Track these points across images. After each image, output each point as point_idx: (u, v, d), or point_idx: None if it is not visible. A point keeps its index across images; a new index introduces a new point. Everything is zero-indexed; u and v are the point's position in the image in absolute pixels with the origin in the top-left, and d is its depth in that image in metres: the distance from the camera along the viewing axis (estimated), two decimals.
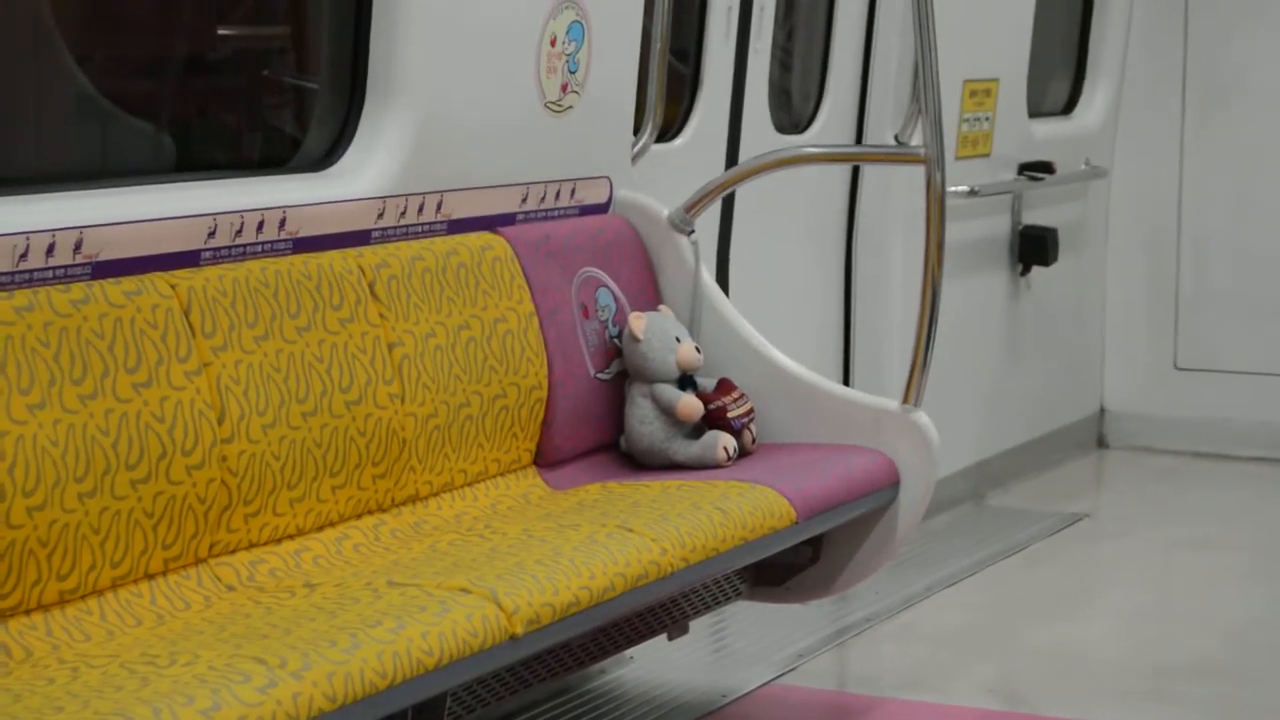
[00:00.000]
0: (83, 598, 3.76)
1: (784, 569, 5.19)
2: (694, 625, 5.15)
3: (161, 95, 5.08)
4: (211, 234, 4.24)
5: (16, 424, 3.62)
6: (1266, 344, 8.39)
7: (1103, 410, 8.64)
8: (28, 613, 3.66)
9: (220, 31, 5.26)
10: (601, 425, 5.16)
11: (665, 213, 5.40)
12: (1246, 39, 8.34)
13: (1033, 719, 5.42)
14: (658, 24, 5.64)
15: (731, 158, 6.29)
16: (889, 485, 5.16)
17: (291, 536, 4.25)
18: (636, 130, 5.62)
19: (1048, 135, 7.98)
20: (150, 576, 3.90)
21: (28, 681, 3.38)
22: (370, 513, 4.46)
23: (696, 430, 5.06)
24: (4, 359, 3.64)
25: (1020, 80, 7.64)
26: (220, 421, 4.04)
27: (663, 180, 5.65)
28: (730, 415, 5.11)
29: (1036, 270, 7.86)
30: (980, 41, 7.22)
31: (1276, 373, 8.37)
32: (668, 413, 5.05)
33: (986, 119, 7.37)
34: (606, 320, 5.17)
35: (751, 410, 5.18)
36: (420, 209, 4.81)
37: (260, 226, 4.36)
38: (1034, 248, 7.81)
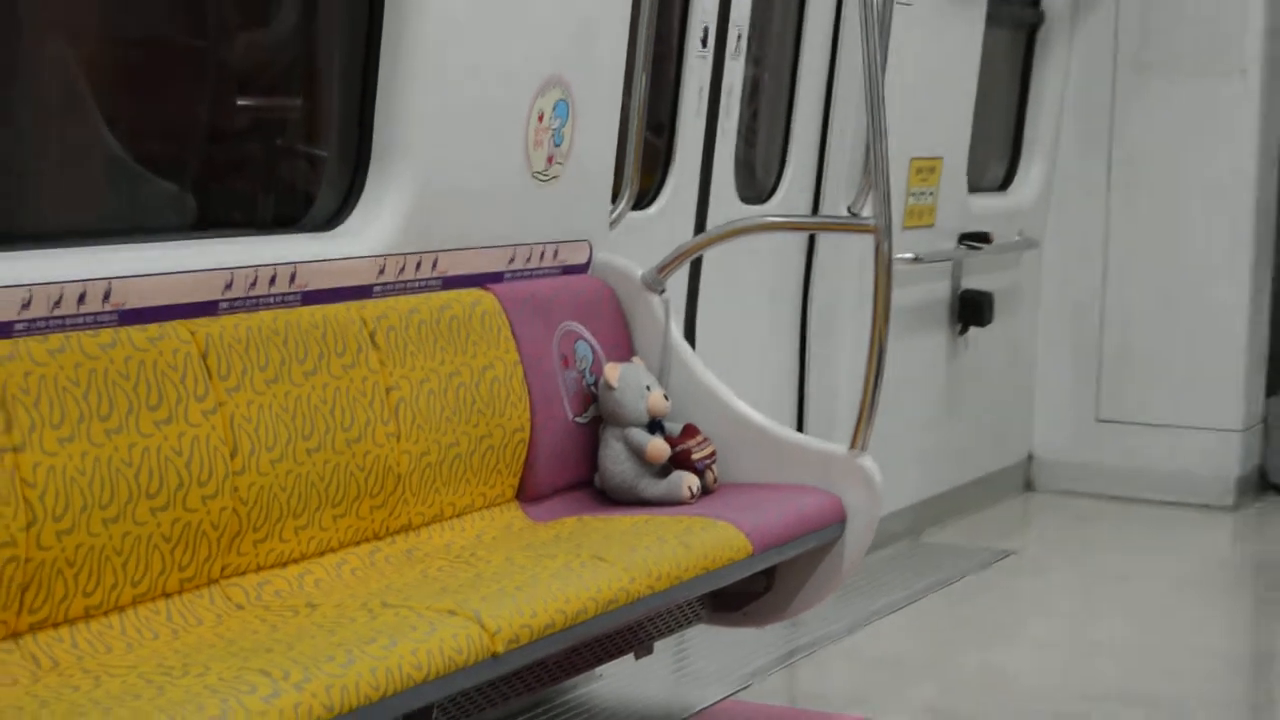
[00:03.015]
0: (105, 613, 3.76)
1: (741, 596, 5.19)
2: (658, 646, 5.15)
3: (185, 159, 5.08)
4: (228, 286, 4.25)
5: (48, 455, 3.63)
6: (1179, 400, 8.43)
7: (1031, 457, 8.65)
8: (55, 626, 3.66)
9: (239, 102, 5.26)
10: (578, 464, 5.15)
11: (639, 273, 5.41)
12: (1167, 124, 8.38)
13: None
14: (635, 103, 5.66)
15: (700, 225, 6.30)
16: (836, 522, 5.17)
17: (295, 561, 4.25)
18: (615, 198, 5.63)
19: (985, 209, 8.01)
20: (167, 595, 3.90)
21: (54, 689, 3.39)
22: (367, 540, 4.46)
23: (664, 470, 5.07)
24: (38, 396, 3.65)
25: (962, 159, 7.67)
26: (233, 456, 4.05)
27: (637, 244, 5.66)
28: (694, 457, 5.12)
29: (974, 330, 7.88)
30: (926, 123, 7.25)
31: (1187, 425, 8.41)
32: (638, 454, 5.06)
33: (931, 194, 7.40)
34: (584, 370, 5.17)
35: (713, 453, 5.19)
36: (418, 266, 4.81)
37: (273, 280, 4.37)
38: (972, 310, 7.84)
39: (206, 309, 4.18)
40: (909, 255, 7.06)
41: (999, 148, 8.40)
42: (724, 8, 6.29)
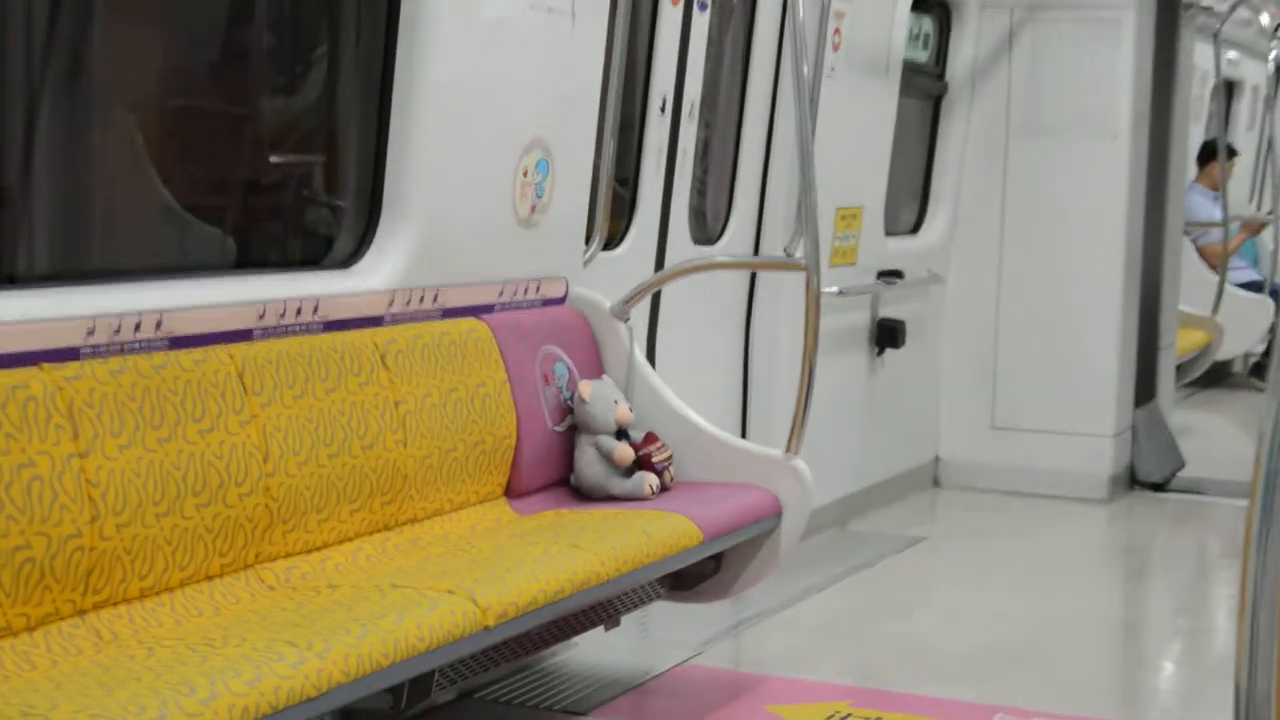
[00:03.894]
0: (157, 594, 3.78)
1: (693, 577, 5.20)
2: (625, 619, 5.15)
3: (226, 207, 5.08)
4: (261, 316, 4.25)
5: (109, 460, 3.64)
6: (1061, 410, 8.46)
7: (937, 458, 8.66)
8: (115, 605, 3.67)
9: (271, 159, 5.27)
10: (557, 466, 5.15)
11: (608, 305, 5.41)
12: (1051, 178, 8.41)
13: (883, 693, 5.39)
14: (604, 161, 5.67)
15: (659, 263, 6.30)
16: (774, 514, 5.19)
17: (318, 548, 4.26)
18: (587, 241, 5.63)
19: (899, 249, 8.03)
20: (209, 578, 3.92)
21: (114, 658, 3.41)
22: (378, 531, 4.47)
23: (629, 471, 5.07)
24: (100, 410, 3.65)
25: (879, 208, 7.68)
26: (265, 460, 4.05)
27: (606, 280, 5.66)
28: (654, 460, 5.13)
29: (889, 352, 7.90)
30: (849, 178, 7.27)
31: (1068, 431, 8.44)
32: (607, 457, 5.07)
33: (853, 237, 7.42)
34: (561, 386, 5.17)
35: (670, 456, 5.20)
36: (421, 299, 4.81)
37: (299, 311, 4.37)
38: (887, 335, 7.86)
39: (243, 336, 4.18)
40: (835, 289, 7.07)
41: (910, 198, 8.42)
42: (679, 80, 6.30)
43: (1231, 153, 12.37)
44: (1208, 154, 11.94)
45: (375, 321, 4.64)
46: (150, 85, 4.94)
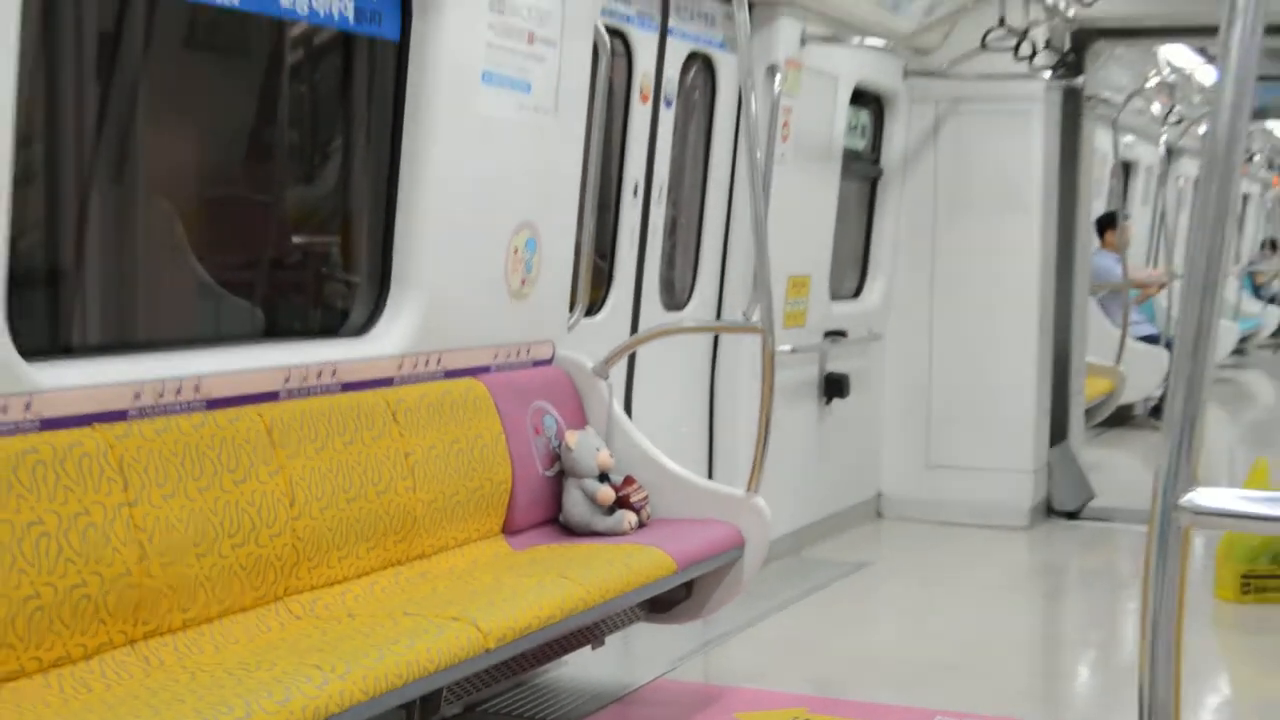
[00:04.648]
0: (198, 624, 3.77)
1: (668, 601, 5.19)
2: (609, 640, 5.13)
3: (255, 283, 5.09)
4: (287, 380, 4.25)
5: (154, 508, 3.63)
6: (986, 449, 8.45)
7: (879, 493, 8.66)
8: (161, 635, 3.66)
9: (294, 240, 5.28)
10: (547, 506, 5.14)
11: (590, 365, 5.41)
12: (973, 247, 8.43)
13: (837, 700, 5.38)
14: (585, 239, 5.69)
15: (634, 328, 6.30)
16: (738, 545, 5.18)
17: (339, 582, 4.24)
18: (571, 309, 5.64)
19: (843, 312, 8.05)
20: (244, 610, 3.91)
21: (161, 682, 3.40)
22: (391, 565, 4.46)
23: (610, 510, 5.07)
24: (147, 465, 3.66)
25: (825, 276, 7.70)
26: (292, 505, 4.05)
27: (588, 342, 5.67)
28: (632, 500, 5.13)
29: (836, 401, 7.91)
30: (798, 251, 7.29)
31: (993, 468, 8.44)
32: (591, 498, 5.06)
33: (803, 302, 7.44)
34: (550, 436, 5.16)
35: (646, 496, 5.20)
36: (426, 362, 4.81)
37: (319, 375, 4.37)
38: (834, 387, 7.86)
39: (271, 397, 4.18)
40: (787, 347, 7.08)
41: (852, 267, 8.44)
42: (649, 167, 6.32)
43: (1128, 219, 12.49)
44: (1107, 222, 12.03)
45: (386, 382, 4.64)
46: (187, 178, 4.96)
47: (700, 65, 6.68)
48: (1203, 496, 1.96)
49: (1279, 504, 2.03)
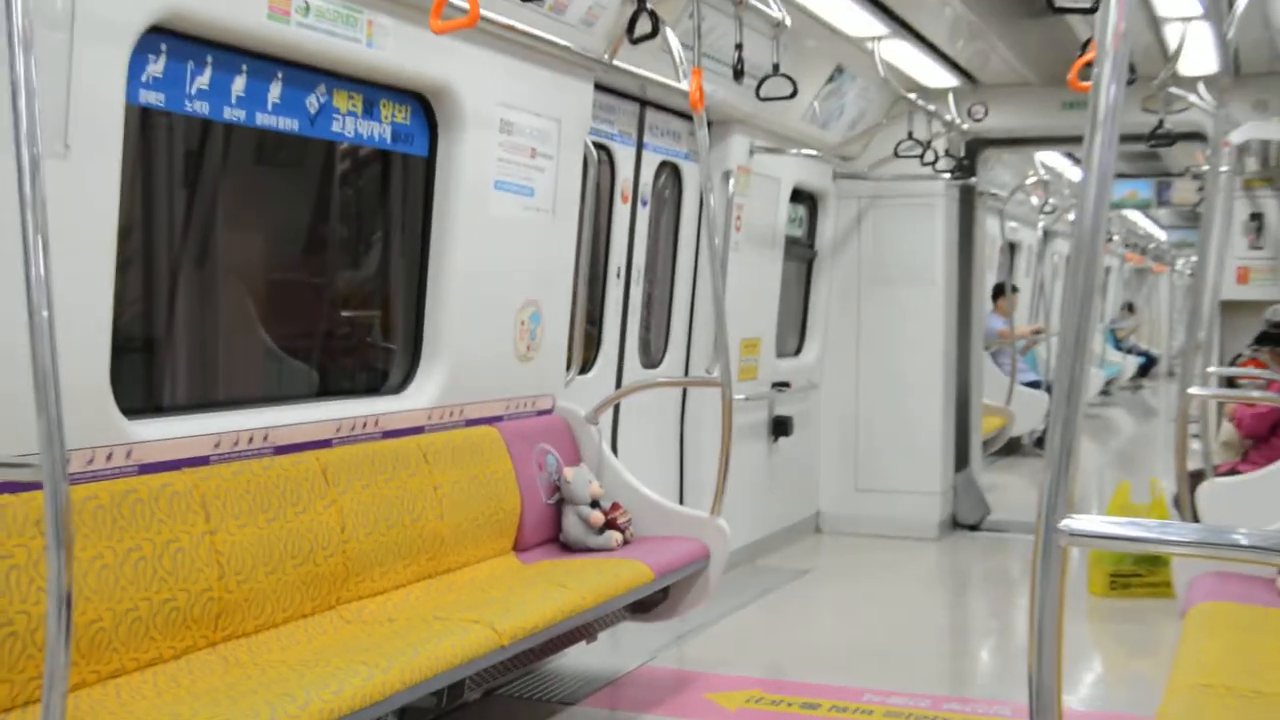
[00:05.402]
0: (267, 629, 3.76)
1: (648, 604, 5.17)
2: (600, 635, 5.13)
3: (311, 350, 5.09)
4: (338, 430, 4.25)
5: (230, 535, 3.63)
6: (903, 475, 8.44)
7: (818, 512, 8.64)
8: (236, 638, 3.66)
9: (343, 314, 5.28)
10: (549, 528, 5.13)
11: (583, 413, 5.41)
12: (889, 313, 8.46)
13: (786, 681, 5.37)
14: (578, 312, 5.69)
15: (618, 383, 6.31)
16: (704, 557, 5.17)
17: (381, 593, 4.23)
18: (568, 368, 5.64)
19: (787, 367, 8.06)
20: (304, 616, 3.90)
21: (237, 678, 3.39)
22: (424, 579, 4.44)
23: (601, 530, 5.06)
24: (225, 500, 3.65)
25: (771, 338, 7.71)
26: (342, 532, 4.04)
27: (581, 395, 5.67)
28: (618, 522, 5.12)
29: (782, 439, 7.90)
30: (750, 318, 7.31)
31: (909, 490, 8.43)
32: (585, 521, 5.06)
33: (754, 359, 7.45)
34: (551, 472, 5.16)
35: (630, 519, 5.19)
36: (451, 414, 4.82)
37: (364, 425, 4.37)
38: (780, 427, 7.86)
39: (325, 444, 4.18)
40: (742, 396, 7.08)
41: (793, 330, 8.45)
42: (629, 254, 6.33)
43: (1014, 289, 12.53)
44: (999, 291, 12.07)
45: (418, 430, 4.64)
46: (256, 265, 4.96)
47: (669, 172, 6.71)
48: (1077, 522, 1.96)
49: (1138, 528, 2.04)
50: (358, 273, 5.35)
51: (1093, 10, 3.71)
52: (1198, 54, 6.76)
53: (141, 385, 4.11)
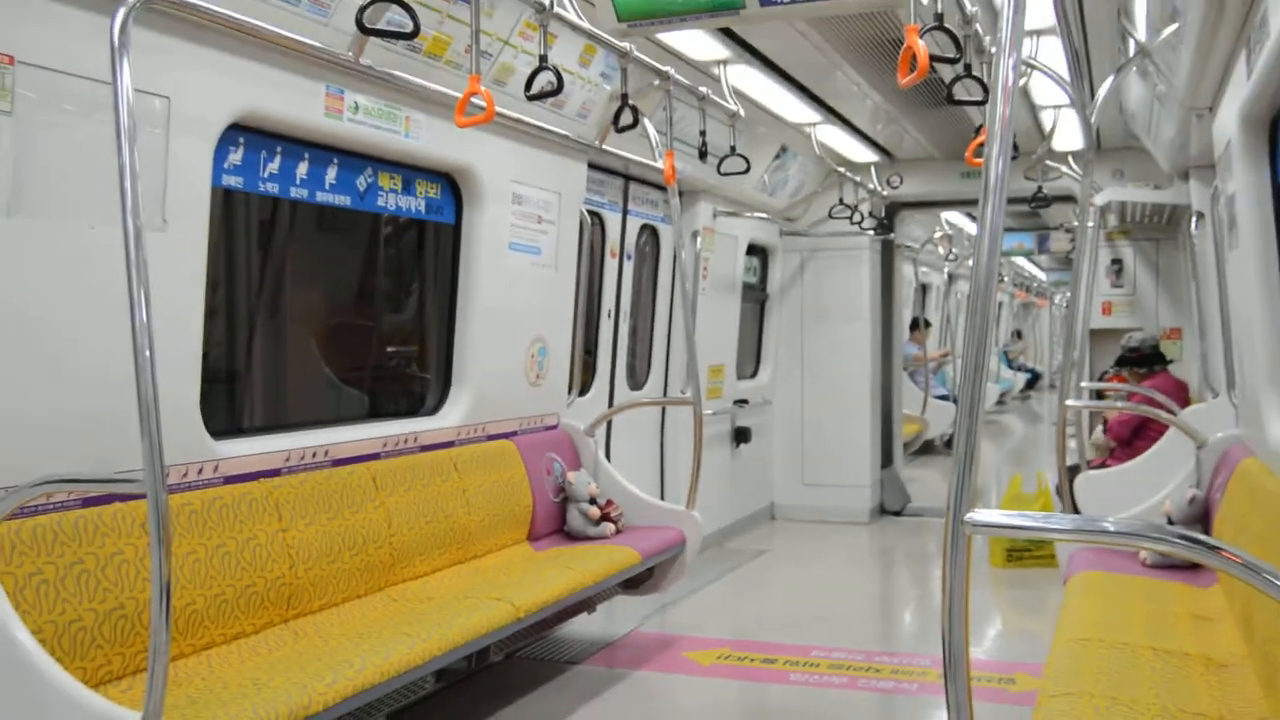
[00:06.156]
0: (329, 608, 3.75)
1: (637, 581, 5.15)
2: (599, 607, 5.11)
3: (363, 380, 5.06)
4: (385, 445, 4.23)
5: (299, 532, 3.60)
6: (841, 471, 8.41)
7: (772, 503, 8.63)
8: (304, 616, 3.63)
9: (388, 350, 5.26)
10: (556, 521, 5.11)
11: (582, 427, 5.39)
12: (826, 342, 8.46)
13: (749, 641, 5.34)
14: (577, 346, 5.69)
15: (610, 402, 6.30)
16: (681, 543, 5.15)
17: (420, 576, 4.21)
18: (569, 391, 5.62)
19: (745, 387, 8.06)
20: (359, 597, 3.88)
21: (305, 648, 3.36)
22: (455, 564, 4.42)
23: (598, 522, 5.04)
24: (294, 504, 3.62)
25: (732, 364, 7.71)
26: (389, 527, 4.01)
27: (581, 413, 5.67)
28: (612, 515, 5.10)
29: (743, 445, 7.90)
30: (715, 347, 7.33)
31: (845, 485, 8.42)
32: (584, 515, 5.04)
33: (720, 381, 7.46)
34: (557, 475, 5.13)
35: (622, 513, 5.17)
36: (475, 431, 4.79)
37: (406, 441, 4.35)
38: (741, 435, 7.86)
39: (374, 457, 4.16)
40: (710, 411, 7.11)
41: (750, 357, 8.46)
42: (618, 298, 6.33)
43: (926, 322, 12.57)
44: (914, 324, 12.10)
45: (449, 444, 4.62)
46: (318, 311, 4.94)
47: (649, 233, 6.71)
48: (979, 515, 1.96)
49: (1026, 518, 2.04)
50: (399, 317, 5.33)
51: (983, 102, 3.74)
52: (1067, 134, 6.84)
53: (225, 411, 4.09)
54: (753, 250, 8.14)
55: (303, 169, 3.86)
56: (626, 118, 4.45)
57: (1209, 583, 4.10)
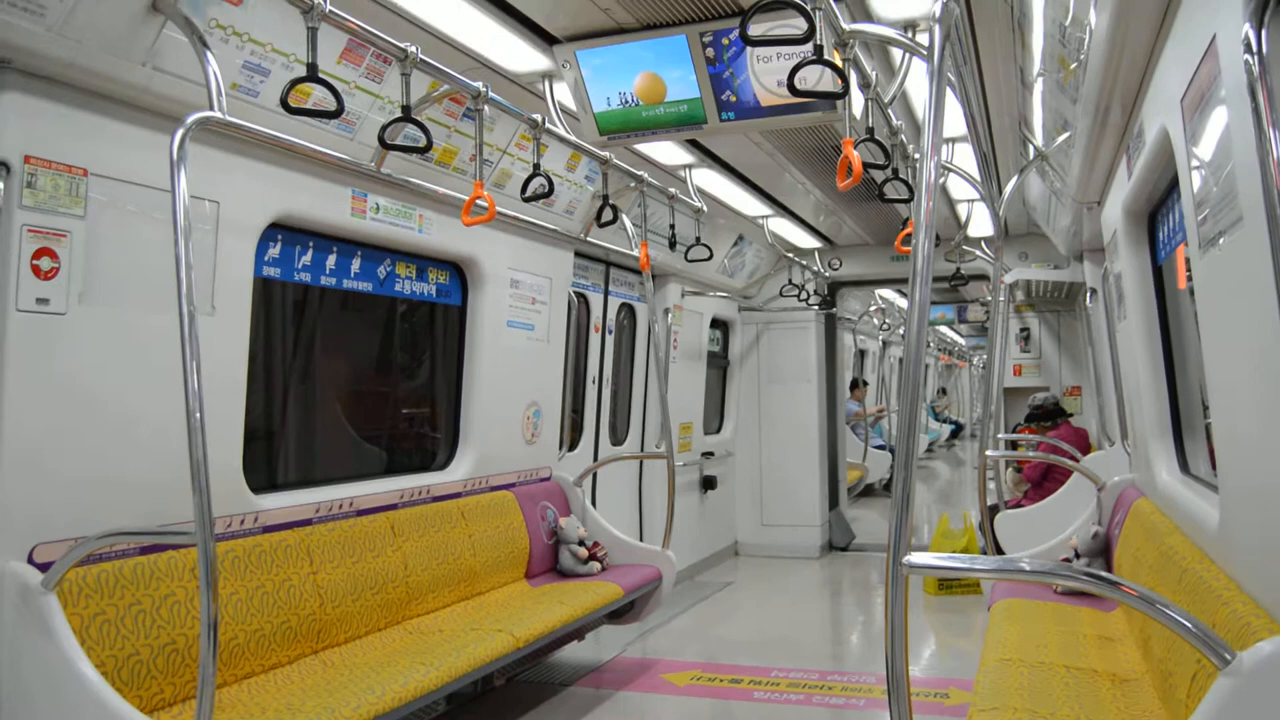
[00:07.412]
0: (353, 641, 3.69)
1: (620, 612, 5.11)
2: (587, 636, 5.06)
3: (381, 438, 5.03)
4: (401, 496, 4.21)
5: (328, 575, 3.57)
6: (794, 512, 8.39)
7: (736, 541, 8.58)
8: (332, 648, 3.59)
9: (403, 411, 5.24)
10: (550, 561, 5.07)
11: (571, 479, 5.37)
12: (780, 402, 8.48)
13: (718, 664, 5.28)
14: (566, 408, 5.70)
15: (595, 457, 6.29)
16: (658, 579, 5.11)
17: (433, 611, 4.16)
18: (560, 447, 5.62)
19: (711, 441, 8.05)
20: (379, 630, 3.84)
21: (334, 677, 3.31)
22: (462, 600, 4.38)
23: (586, 561, 5.01)
24: (324, 550, 3.59)
25: (700, 421, 7.71)
26: (405, 569, 3.98)
27: (570, 466, 5.65)
28: (598, 555, 5.07)
29: (710, 492, 7.88)
30: (685, 407, 7.34)
31: (798, 524, 8.38)
32: (574, 555, 5.01)
33: (689, 436, 7.45)
34: (550, 521, 5.11)
35: (606, 553, 5.14)
36: (479, 483, 4.77)
37: (420, 492, 4.33)
38: (708, 483, 7.83)
39: (392, 507, 4.14)
40: (681, 463, 7.10)
41: (715, 415, 8.46)
42: (600, 367, 6.35)
43: (865, 382, 12.65)
44: (855, 384, 12.17)
45: (457, 495, 4.61)
46: (343, 379, 4.93)
47: (627, 310, 6.75)
48: (915, 558, 1.98)
49: (956, 560, 2.06)
50: (414, 384, 5.32)
51: (909, 200, 3.84)
52: (979, 223, 6.98)
53: (264, 469, 4.07)
54: (716, 324, 8.19)
55: (331, 260, 3.90)
56: (607, 214, 4.53)
57: (1112, 607, 4.13)
